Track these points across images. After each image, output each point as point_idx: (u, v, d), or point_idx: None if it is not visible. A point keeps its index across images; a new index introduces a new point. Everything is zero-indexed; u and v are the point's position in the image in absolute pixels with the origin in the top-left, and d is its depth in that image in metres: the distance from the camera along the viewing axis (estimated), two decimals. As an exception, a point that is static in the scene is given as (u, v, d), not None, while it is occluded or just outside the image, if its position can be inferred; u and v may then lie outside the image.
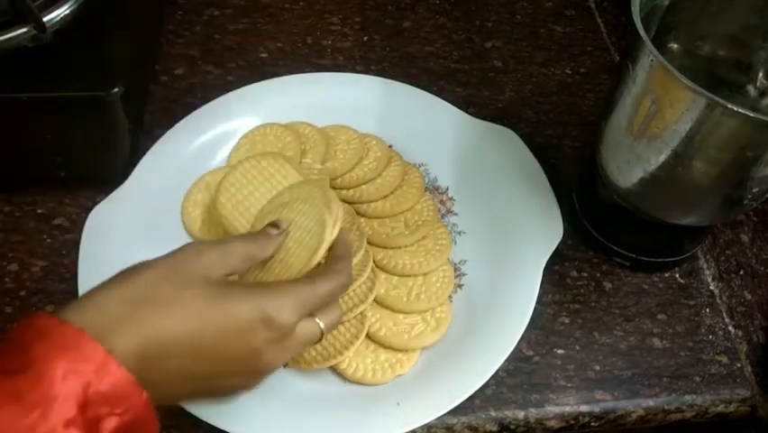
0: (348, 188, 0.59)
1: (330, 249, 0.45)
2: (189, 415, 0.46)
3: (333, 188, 0.59)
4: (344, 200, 0.58)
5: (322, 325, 0.41)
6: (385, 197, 0.58)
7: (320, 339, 0.42)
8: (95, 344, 0.32)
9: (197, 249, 0.39)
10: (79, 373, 0.31)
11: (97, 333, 0.33)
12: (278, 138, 0.60)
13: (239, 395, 0.43)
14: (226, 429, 0.46)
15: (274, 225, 0.45)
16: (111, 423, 0.32)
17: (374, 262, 0.54)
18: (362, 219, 0.57)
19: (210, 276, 0.38)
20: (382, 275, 0.54)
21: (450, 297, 0.54)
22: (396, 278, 0.54)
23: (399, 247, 0.55)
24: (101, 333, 0.33)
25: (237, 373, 0.39)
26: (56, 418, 0.30)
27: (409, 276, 0.54)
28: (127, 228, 0.54)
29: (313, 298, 0.41)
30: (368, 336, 0.51)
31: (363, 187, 0.58)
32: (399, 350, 0.51)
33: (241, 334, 0.37)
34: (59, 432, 0.30)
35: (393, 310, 0.52)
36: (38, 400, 0.30)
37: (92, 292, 0.36)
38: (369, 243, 0.55)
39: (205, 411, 0.46)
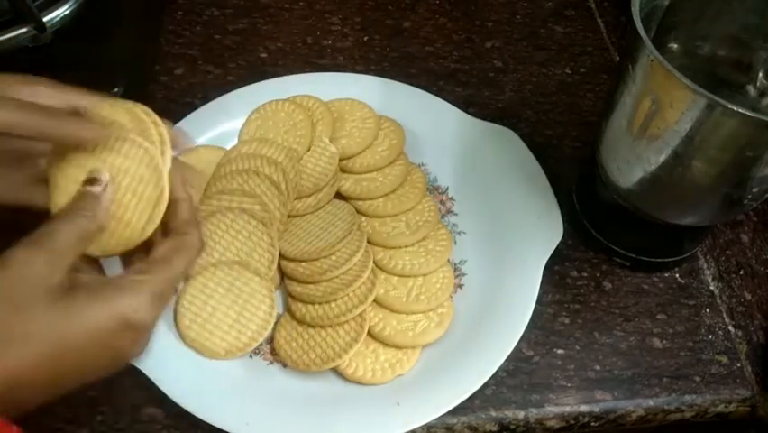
0: (355, 174, 0.59)
1: (170, 206, 0.39)
2: (189, 415, 0.46)
3: (342, 170, 0.59)
4: (345, 195, 0.58)
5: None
6: (386, 195, 0.58)
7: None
8: None
9: (22, 259, 0.33)
10: None
11: None
12: (290, 116, 0.60)
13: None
14: (226, 429, 0.46)
15: (92, 180, 0.37)
16: None
17: (374, 261, 0.54)
18: (363, 218, 0.57)
19: (50, 285, 0.33)
20: (382, 275, 0.54)
21: (450, 297, 0.54)
22: (395, 278, 0.54)
23: (400, 247, 0.55)
24: None
25: (105, 370, 0.36)
26: None
27: (409, 277, 0.54)
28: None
29: (170, 284, 0.37)
30: (372, 335, 0.51)
31: (364, 183, 0.58)
32: (404, 348, 0.51)
33: (101, 345, 0.34)
34: None
35: (392, 311, 0.52)
36: None
37: None
38: (369, 242, 0.55)
39: (205, 411, 0.46)
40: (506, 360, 0.50)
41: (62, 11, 0.50)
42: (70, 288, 0.34)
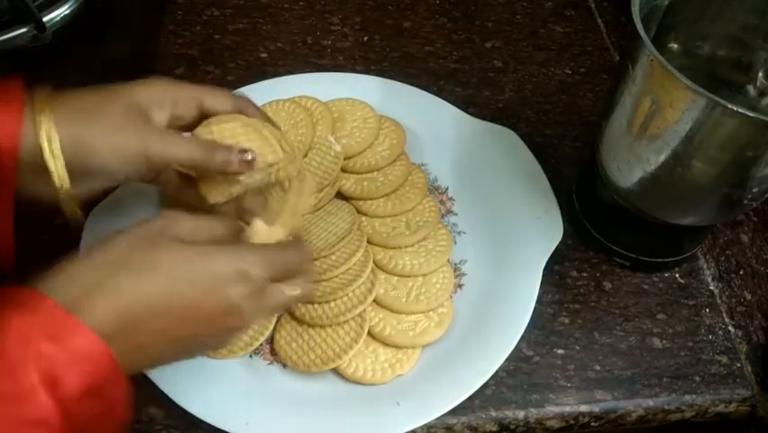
0: (355, 173, 0.59)
1: None
2: (189, 415, 0.46)
3: (343, 170, 0.59)
4: (345, 195, 0.58)
5: (287, 293, 0.41)
6: (387, 195, 0.58)
7: (286, 308, 0.43)
8: (55, 304, 0.32)
9: (173, 216, 0.39)
10: (37, 329, 0.31)
11: (71, 302, 0.33)
12: (291, 115, 0.61)
13: (218, 349, 0.43)
14: (226, 429, 0.46)
15: (247, 221, 0.44)
16: (74, 379, 0.32)
17: (374, 261, 0.54)
18: (363, 218, 0.57)
19: (183, 240, 0.38)
20: (382, 275, 0.54)
21: (450, 297, 0.54)
22: (395, 278, 0.54)
23: (400, 247, 0.55)
24: (75, 302, 0.33)
25: (216, 330, 0.39)
26: (8, 368, 0.30)
27: (409, 277, 0.54)
28: (127, 228, 0.54)
29: (282, 260, 0.41)
30: (372, 335, 0.51)
31: (365, 183, 0.59)
32: (405, 348, 0.51)
33: (218, 288, 0.37)
34: (14, 382, 0.30)
35: (392, 311, 0.52)
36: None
37: (64, 263, 0.35)
38: (369, 242, 0.55)
39: (205, 411, 0.46)
40: (506, 360, 0.50)
41: (62, 11, 0.50)
42: (198, 245, 0.38)
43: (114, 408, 0.34)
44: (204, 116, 0.46)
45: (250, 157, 0.43)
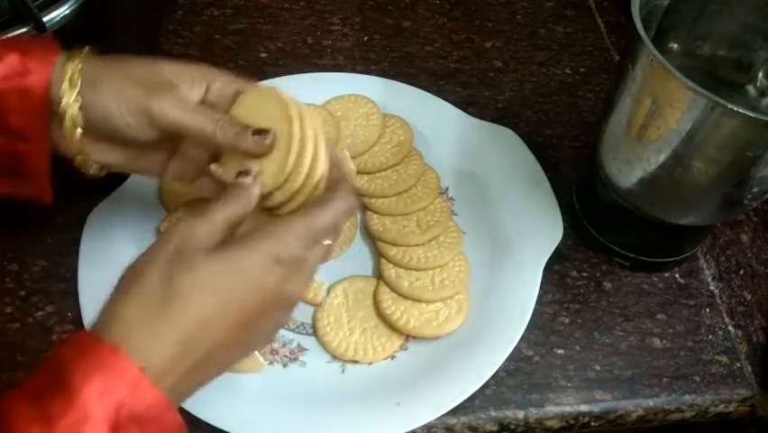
0: (366, 173, 0.59)
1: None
2: (189, 415, 0.46)
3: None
4: (359, 192, 0.58)
5: (320, 252, 0.41)
6: (399, 194, 0.58)
7: (331, 254, 0.42)
8: (129, 363, 0.32)
9: (188, 225, 0.38)
10: (113, 392, 0.31)
11: (131, 346, 0.33)
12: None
13: (277, 331, 0.43)
14: (227, 429, 0.46)
15: (244, 172, 0.42)
16: None
17: (387, 257, 0.55)
18: (375, 216, 0.57)
19: (207, 245, 0.37)
20: (402, 270, 0.54)
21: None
22: (416, 271, 0.54)
23: (410, 246, 0.55)
24: (134, 345, 0.33)
25: (269, 317, 0.39)
26: None
27: (425, 270, 0.54)
28: (127, 228, 0.54)
29: (314, 229, 0.40)
30: (397, 329, 0.52)
31: (378, 181, 0.59)
32: (431, 338, 0.52)
33: (259, 284, 0.37)
34: None
35: (422, 301, 0.53)
36: (70, 423, 0.30)
37: (110, 306, 0.35)
38: (379, 239, 0.56)
39: (205, 411, 0.46)
40: (506, 360, 0.50)
41: (62, 11, 0.50)
42: (224, 243, 0.38)
43: None
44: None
45: (268, 141, 0.41)
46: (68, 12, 0.50)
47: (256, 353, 0.50)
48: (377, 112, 0.62)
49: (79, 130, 0.41)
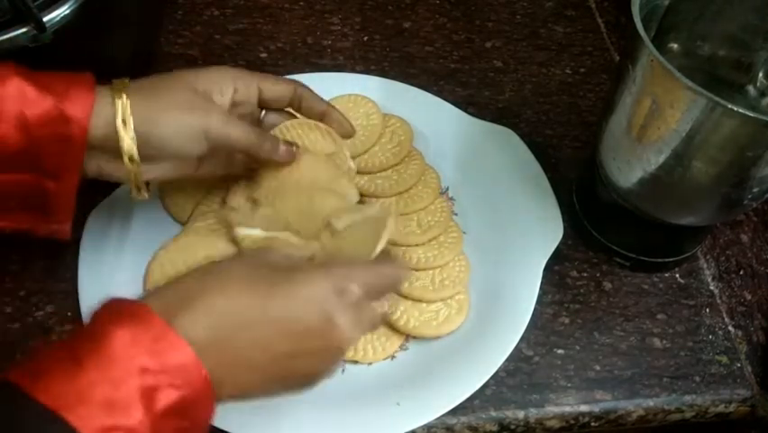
0: (367, 173, 0.59)
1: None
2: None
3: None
4: (360, 192, 0.58)
5: (378, 310, 0.41)
6: (399, 194, 0.58)
7: (377, 327, 0.44)
8: (157, 317, 0.33)
9: (263, 250, 0.42)
10: (140, 341, 0.32)
11: (169, 312, 0.34)
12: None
13: (317, 381, 0.40)
14: (227, 429, 0.46)
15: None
16: (168, 396, 0.32)
17: None
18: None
19: (278, 265, 0.39)
20: None
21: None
22: (416, 271, 0.54)
23: (410, 246, 0.55)
24: (172, 312, 0.34)
25: (312, 351, 0.38)
26: (114, 375, 0.31)
27: (425, 269, 0.54)
28: (127, 228, 0.54)
29: (377, 276, 0.41)
30: (397, 329, 0.52)
31: (379, 181, 0.59)
32: (431, 338, 0.52)
33: (314, 301, 0.37)
34: (116, 390, 0.31)
35: (422, 301, 0.52)
36: (96, 362, 0.31)
37: (167, 283, 0.37)
38: None
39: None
40: (506, 360, 0.50)
41: (62, 11, 0.50)
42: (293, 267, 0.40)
43: (198, 427, 0.34)
44: (264, 103, 0.50)
45: (294, 149, 0.48)
46: (68, 12, 0.50)
47: None
48: (377, 112, 0.62)
49: (138, 162, 0.43)
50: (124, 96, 0.42)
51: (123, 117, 0.41)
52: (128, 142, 0.42)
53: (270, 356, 0.37)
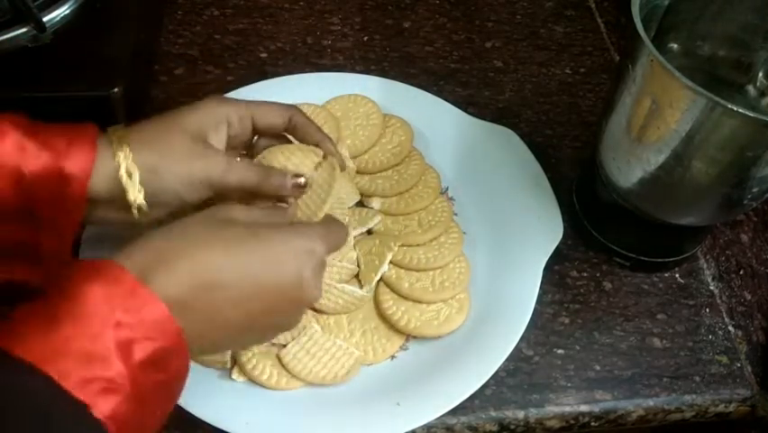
0: (367, 173, 0.59)
1: None
2: (190, 415, 0.46)
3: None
4: (360, 192, 0.58)
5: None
6: (400, 194, 0.58)
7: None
8: (129, 273, 0.33)
9: (227, 204, 0.41)
10: (114, 297, 0.33)
11: (146, 268, 0.34)
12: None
13: (284, 332, 0.46)
14: (226, 429, 0.46)
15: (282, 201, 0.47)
16: (144, 348, 0.33)
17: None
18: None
19: (243, 222, 0.40)
20: (402, 270, 0.54)
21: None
22: (416, 272, 0.54)
23: (411, 245, 0.55)
24: (148, 268, 0.34)
25: (282, 309, 0.40)
26: (90, 330, 0.31)
27: (426, 270, 0.54)
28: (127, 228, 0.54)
29: (335, 236, 0.44)
30: (399, 330, 0.52)
31: (379, 181, 0.59)
32: (432, 338, 0.52)
33: (288, 260, 0.39)
34: (93, 344, 0.31)
35: (422, 302, 0.53)
36: (72, 319, 0.32)
37: (134, 240, 0.37)
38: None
39: (205, 411, 0.46)
40: (506, 360, 0.50)
41: (62, 11, 0.50)
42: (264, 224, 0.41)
43: (174, 379, 0.35)
44: (258, 131, 0.50)
45: (302, 181, 0.47)
46: (68, 12, 0.50)
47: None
48: (377, 112, 0.62)
49: (146, 211, 0.43)
50: (127, 149, 0.42)
51: (129, 170, 0.42)
52: (135, 194, 0.42)
53: (245, 314, 0.38)
